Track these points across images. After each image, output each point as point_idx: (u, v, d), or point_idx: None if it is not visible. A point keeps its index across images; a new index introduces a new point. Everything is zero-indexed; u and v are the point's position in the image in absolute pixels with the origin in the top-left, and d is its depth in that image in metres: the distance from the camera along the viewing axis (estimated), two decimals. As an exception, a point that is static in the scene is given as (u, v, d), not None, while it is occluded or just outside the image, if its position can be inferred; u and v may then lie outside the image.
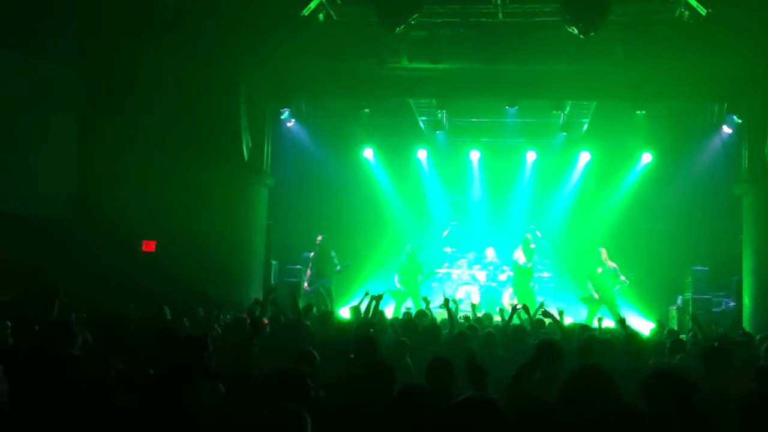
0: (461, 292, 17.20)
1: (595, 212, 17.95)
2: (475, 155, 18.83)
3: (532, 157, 18.58)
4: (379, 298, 10.01)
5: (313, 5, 12.57)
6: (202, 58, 13.42)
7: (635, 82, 14.11)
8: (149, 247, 14.05)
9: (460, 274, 17.86)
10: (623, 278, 15.34)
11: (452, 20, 13.24)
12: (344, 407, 4.57)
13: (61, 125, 14.05)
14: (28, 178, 13.54)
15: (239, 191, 14.32)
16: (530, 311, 10.15)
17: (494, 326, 9.77)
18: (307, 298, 15.40)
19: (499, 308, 11.48)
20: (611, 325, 13.38)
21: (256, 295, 13.33)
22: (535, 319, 10.20)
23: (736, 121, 14.70)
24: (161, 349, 6.25)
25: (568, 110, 16.53)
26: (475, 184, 19.22)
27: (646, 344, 8.16)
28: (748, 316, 13.29)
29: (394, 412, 4.21)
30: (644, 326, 13.17)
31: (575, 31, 11.44)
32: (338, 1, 12.92)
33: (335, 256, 16.43)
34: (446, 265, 18.14)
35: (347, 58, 13.76)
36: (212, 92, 13.60)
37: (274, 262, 16.09)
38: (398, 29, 11.98)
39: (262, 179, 14.96)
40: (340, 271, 16.36)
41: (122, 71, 13.58)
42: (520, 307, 9.99)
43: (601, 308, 15.14)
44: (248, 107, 14.39)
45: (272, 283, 15.65)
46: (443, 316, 10.52)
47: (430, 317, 10.38)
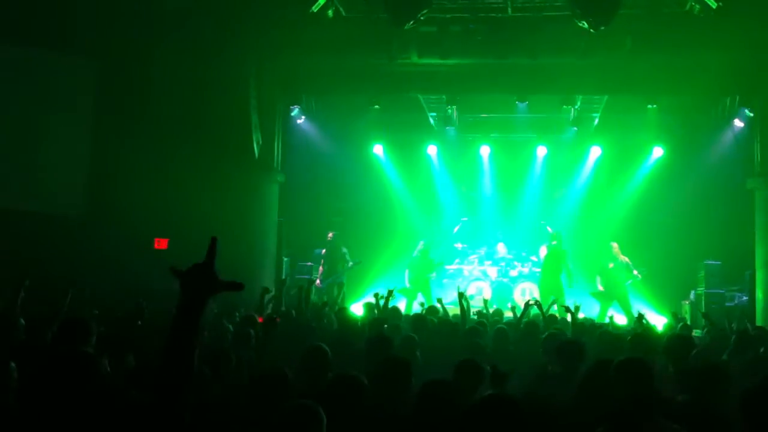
0: (472, 288, 17.18)
1: (606, 207, 17.88)
2: (485, 151, 18.79)
3: (542, 152, 18.52)
4: (389, 294, 10.06)
5: (321, 2, 12.56)
6: (212, 56, 13.44)
7: (646, 76, 14.06)
8: (161, 244, 14.08)
9: (471, 270, 17.84)
10: (636, 273, 15.28)
11: (462, 16, 13.23)
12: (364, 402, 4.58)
13: (74, 123, 14.12)
14: (40, 175, 13.62)
15: (250, 188, 14.34)
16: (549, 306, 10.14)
17: (506, 322, 9.75)
18: (319, 294, 15.41)
19: (510, 305, 11.46)
20: (623, 320, 13.39)
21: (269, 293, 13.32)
22: (548, 315, 10.20)
23: (748, 114, 14.63)
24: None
25: (578, 105, 16.49)
26: (485, 179, 19.18)
27: (658, 340, 8.12)
28: (761, 310, 13.25)
29: (417, 408, 4.22)
30: (657, 321, 13.11)
31: (585, 25, 11.40)
32: (347, -3, 12.95)
33: (347, 252, 16.44)
34: (457, 261, 18.12)
35: (356, 54, 13.77)
36: (223, 90, 13.63)
37: (285, 258, 16.12)
38: (407, 25, 11.95)
39: (272, 176, 14.99)
40: (351, 267, 16.36)
41: (135, 70, 13.63)
42: (532, 303, 9.98)
43: (613, 304, 15.11)
44: (258, 105, 14.41)
45: (284, 278, 15.66)
46: (456, 311, 10.52)
47: (441, 313, 10.38)
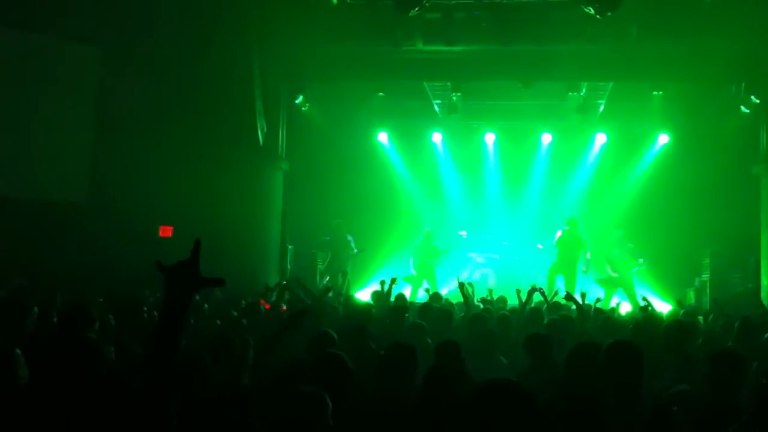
0: (477, 274, 17.21)
1: (611, 194, 17.83)
2: (490, 138, 18.74)
3: (547, 139, 18.46)
4: (392, 281, 10.14)
5: (326, -12, 12.54)
6: (216, 43, 13.40)
7: (652, 62, 13.97)
8: (166, 232, 14.11)
9: (475, 257, 17.84)
10: (641, 260, 15.27)
11: (467, 2, 13.17)
12: (371, 388, 4.63)
13: (77, 110, 14.11)
14: (44, 162, 13.64)
15: (255, 176, 14.33)
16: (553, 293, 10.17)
17: (510, 309, 9.76)
18: (322, 279, 15.46)
19: (517, 289, 11.45)
20: (628, 307, 13.40)
21: (273, 280, 13.37)
22: (552, 302, 10.23)
23: (753, 101, 14.56)
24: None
25: (584, 92, 16.40)
26: (490, 166, 19.14)
27: (663, 325, 8.12)
28: (766, 296, 13.23)
29: (424, 391, 4.25)
30: (662, 308, 13.11)
31: (592, 11, 11.34)
32: (351, -16, 12.89)
33: (352, 240, 16.45)
34: (462, 248, 18.12)
35: (361, 41, 13.73)
36: (227, 77, 13.60)
37: (290, 246, 16.13)
38: (412, 12, 11.92)
39: (277, 164, 14.97)
40: (356, 255, 16.37)
41: (138, 57, 13.60)
42: (538, 289, 10.01)
43: (617, 290, 15.11)
44: (263, 92, 14.38)
45: (288, 267, 15.72)
46: (459, 299, 10.54)
47: (443, 300, 10.44)
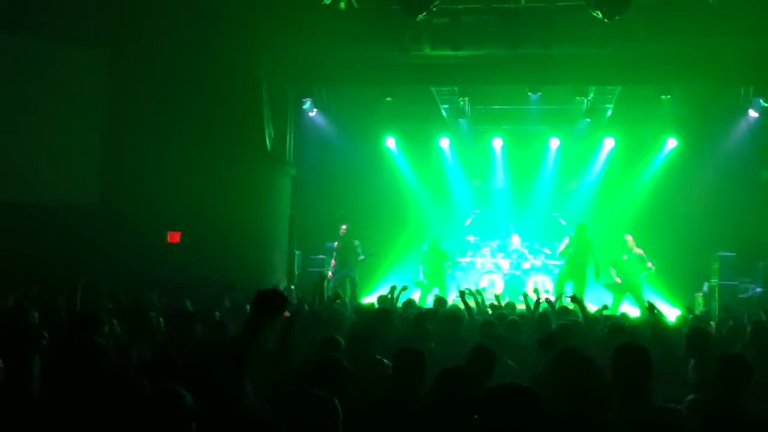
0: (484, 280, 17.16)
1: (620, 198, 17.77)
2: (497, 142, 18.72)
3: (555, 143, 18.43)
4: (403, 289, 10.15)
5: (334, -6, 12.56)
6: (224, 48, 13.44)
7: (660, 65, 13.96)
8: (174, 238, 14.13)
9: (483, 262, 17.79)
10: (650, 265, 15.21)
11: (474, 6, 13.18)
12: (377, 393, 4.64)
13: (87, 115, 14.17)
14: (53, 167, 13.68)
15: (262, 181, 14.36)
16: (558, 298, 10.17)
17: (518, 314, 9.73)
18: (331, 287, 15.43)
19: (522, 295, 11.45)
20: (636, 312, 13.34)
21: (280, 285, 13.39)
22: (558, 307, 10.21)
23: (762, 104, 14.53)
24: (187, 339, 6.31)
25: (591, 96, 16.38)
26: (498, 171, 19.12)
27: (671, 331, 8.09)
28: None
29: (435, 395, 4.25)
30: (670, 313, 13.05)
31: (599, 14, 11.31)
32: (359, -11, 12.92)
33: (359, 245, 16.45)
34: (469, 253, 18.08)
35: (369, 46, 13.75)
36: (235, 83, 13.63)
37: (297, 251, 16.14)
38: (420, 16, 11.90)
39: (284, 169, 15.00)
40: (364, 260, 16.36)
41: (146, 63, 13.65)
42: (543, 300, 10.04)
43: (626, 295, 15.04)
44: (270, 97, 14.42)
45: (296, 272, 15.73)
46: (470, 303, 10.54)
47: (448, 306, 10.49)
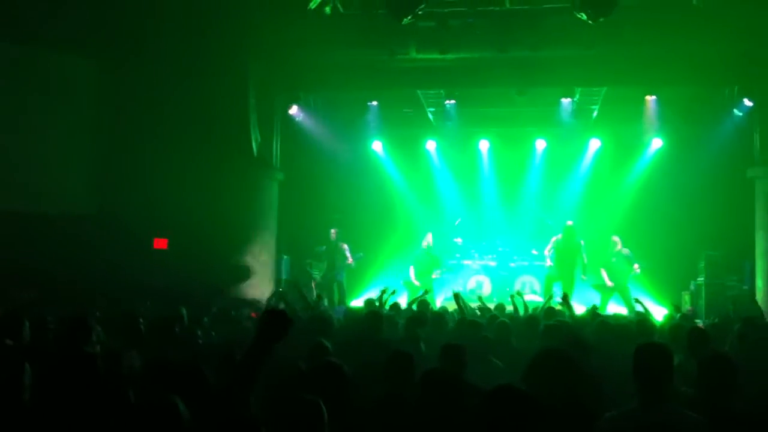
0: (472, 282, 17.22)
1: (606, 199, 17.85)
2: (484, 145, 18.78)
3: (541, 145, 18.51)
4: (392, 293, 10.19)
5: (319, -1, 12.56)
6: (210, 54, 13.42)
7: (646, 66, 14.04)
8: (161, 244, 14.09)
9: (471, 264, 17.85)
10: (636, 267, 15.32)
11: (460, 10, 13.21)
12: (366, 395, 4.66)
13: (75, 123, 14.13)
14: (41, 175, 13.62)
15: (249, 187, 14.33)
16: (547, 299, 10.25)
17: (507, 315, 9.77)
18: (319, 290, 15.46)
19: (511, 296, 11.52)
20: (623, 312, 13.42)
21: (268, 289, 13.41)
22: (546, 307, 10.28)
23: (747, 104, 14.63)
24: (176, 346, 6.31)
25: (577, 97, 16.47)
26: (485, 173, 19.17)
27: (658, 329, 8.16)
28: (761, 299, 13.25)
29: (421, 395, 4.28)
30: (657, 311, 13.13)
31: (584, 17, 11.38)
32: (345, -7, 12.93)
33: (347, 249, 16.47)
34: (457, 255, 18.13)
35: (355, 50, 13.76)
36: (221, 88, 13.60)
37: (285, 256, 16.13)
38: (406, 20, 11.92)
39: (271, 174, 14.98)
40: (352, 265, 16.37)
41: (134, 69, 13.61)
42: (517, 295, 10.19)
43: (614, 295, 15.12)
44: (257, 102, 14.39)
45: (284, 277, 15.72)
46: (455, 306, 10.57)
47: (434, 307, 10.55)
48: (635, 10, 12.60)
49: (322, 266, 16.69)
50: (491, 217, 19.02)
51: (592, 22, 11.43)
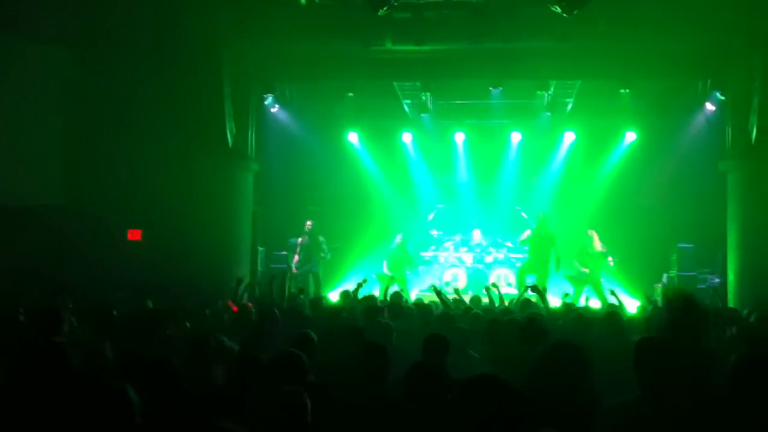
0: (447, 274, 17.27)
1: (581, 191, 18.00)
2: (460, 137, 18.82)
3: (517, 137, 18.58)
4: (359, 284, 10.20)
5: (295, -12, 12.48)
6: (185, 44, 13.28)
7: (620, 60, 14.12)
8: (135, 235, 13.98)
9: (446, 257, 17.90)
10: (610, 260, 15.47)
11: (436, 1, 13.18)
12: (344, 389, 4.66)
13: (48, 113, 13.94)
14: (11, 165, 13.44)
15: (224, 177, 14.21)
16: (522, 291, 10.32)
17: (482, 308, 9.81)
18: (295, 282, 15.42)
19: (485, 288, 11.58)
20: (597, 304, 13.53)
21: (244, 282, 13.32)
22: (522, 299, 10.34)
23: (719, 97, 14.77)
24: (149, 337, 6.29)
25: (552, 90, 16.52)
26: (460, 165, 19.22)
27: (630, 321, 8.23)
28: (732, 292, 13.42)
29: (408, 388, 4.29)
30: (630, 304, 13.24)
31: (558, 9, 11.41)
32: (320, -17, 12.84)
33: (324, 241, 16.46)
34: (432, 248, 18.18)
35: (330, 41, 13.69)
36: (196, 78, 13.47)
37: (260, 248, 16.06)
38: (381, 11, 11.88)
39: (247, 165, 14.89)
40: (326, 257, 16.36)
41: (108, 59, 13.46)
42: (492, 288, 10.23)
43: (587, 287, 15.24)
44: (232, 92, 14.28)
45: (259, 269, 15.66)
46: (431, 298, 10.60)
47: (407, 300, 10.58)
48: (609, 3, 12.63)
49: (297, 258, 16.67)
50: (467, 209, 19.09)
51: (566, 15, 11.46)
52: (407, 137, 18.83)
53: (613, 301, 10.78)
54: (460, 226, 18.68)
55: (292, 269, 16.04)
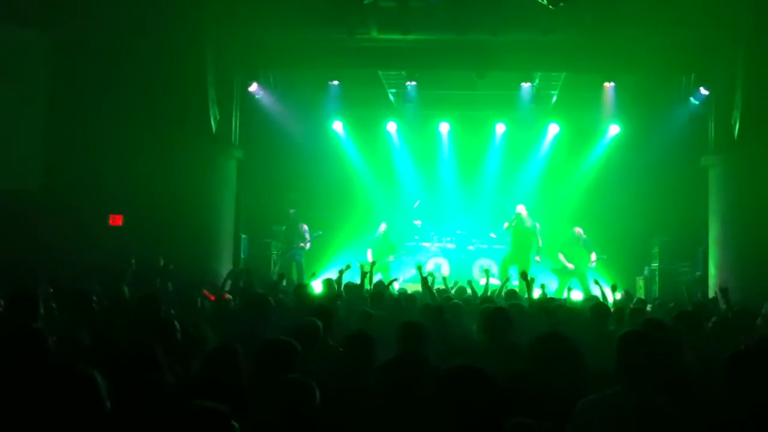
0: (431, 264, 17.28)
1: (564, 184, 18.05)
2: (444, 127, 18.80)
3: (501, 129, 18.59)
4: (342, 270, 10.16)
5: (280, -25, 12.41)
6: (168, 30, 13.16)
7: (605, 53, 14.16)
8: (116, 221, 13.89)
9: (429, 246, 17.92)
10: (593, 256, 15.59)
11: (423, -10, 13.15)
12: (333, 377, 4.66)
13: (29, 98, 13.79)
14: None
15: (207, 164, 14.15)
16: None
17: (464, 299, 9.82)
18: (278, 269, 15.42)
19: (469, 281, 11.62)
20: (580, 295, 13.59)
21: (225, 269, 13.29)
22: (506, 290, 10.36)
23: (703, 93, 14.82)
24: (127, 323, 6.25)
25: (537, 82, 16.55)
26: (444, 156, 19.20)
27: (611, 313, 8.26)
28: (713, 285, 13.49)
29: (394, 378, 4.32)
30: (612, 296, 13.28)
31: (544, 1, 11.42)
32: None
33: (307, 230, 16.43)
34: (416, 237, 18.18)
35: (316, 28, 13.64)
36: (180, 64, 13.38)
37: (243, 235, 16.00)
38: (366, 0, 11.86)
39: (230, 152, 14.81)
40: (306, 247, 16.38)
41: (90, 43, 13.32)
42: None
43: (571, 280, 15.29)
44: (216, 79, 14.19)
45: (242, 256, 15.61)
46: (414, 288, 10.60)
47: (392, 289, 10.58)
48: (595, -3, 12.70)
49: (279, 245, 16.65)
50: (450, 199, 19.10)
51: (552, 6, 11.48)
52: (392, 126, 18.79)
53: (596, 291, 10.81)
54: (443, 216, 18.71)
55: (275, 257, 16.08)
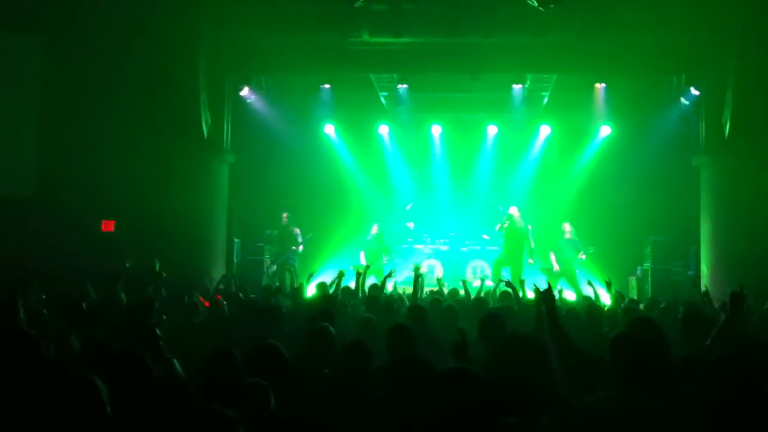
0: (424, 266, 17.27)
1: (556, 185, 18.08)
2: (436, 130, 18.81)
3: (493, 131, 18.61)
4: (340, 276, 10.14)
5: (271, -21, 12.41)
6: (160, 34, 13.15)
7: (596, 55, 14.20)
8: (108, 227, 13.85)
9: (422, 248, 17.93)
10: (582, 255, 15.59)
11: (414, -7, 13.16)
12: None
13: (21, 103, 13.75)
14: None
15: (199, 169, 14.12)
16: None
17: (457, 300, 9.82)
18: (271, 275, 15.40)
19: (462, 281, 11.62)
20: (572, 296, 13.61)
21: (218, 273, 13.29)
22: (500, 292, 10.36)
23: (693, 93, 14.87)
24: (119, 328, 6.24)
25: (528, 84, 16.59)
26: (437, 159, 19.22)
27: (605, 314, 8.27)
28: (705, 284, 13.52)
29: (394, 380, 4.28)
30: (604, 296, 13.31)
31: (535, 3, 11.46)
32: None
33: (299, 234, 16.42)
34: (409, 239, 18.19)
35: (307, 32, 13.64)
36: (171, 69, 13.34)
37: (236, 240, 15.99)
38: (358, 3, 11.86)
39: (222, 156, 14.80)
40: (298, 250, 16.37)
41: (82, 49, 13.28)
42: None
43: (561, 280, 15.32)
44: (207, 83, 14.17)
45: (235, 260, 15.60)
46: (410, 291, 10.60)
47: (386, 292, 10.56)
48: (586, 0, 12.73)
49: (272, 250, 16.63)
50: (443, 201, 19.12)
51: (543, 9, 11.51)
52: (384, 129, 18.80)
53: (588, 292, 10.81)
54: (436, 218, 18.73)
55: (267, 262, 16.04)
